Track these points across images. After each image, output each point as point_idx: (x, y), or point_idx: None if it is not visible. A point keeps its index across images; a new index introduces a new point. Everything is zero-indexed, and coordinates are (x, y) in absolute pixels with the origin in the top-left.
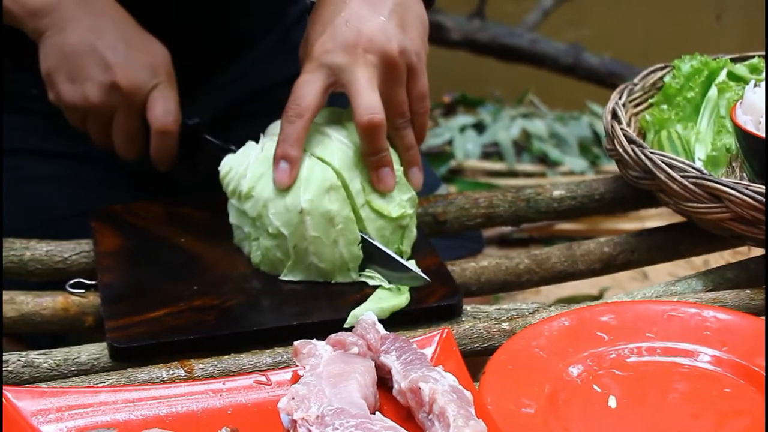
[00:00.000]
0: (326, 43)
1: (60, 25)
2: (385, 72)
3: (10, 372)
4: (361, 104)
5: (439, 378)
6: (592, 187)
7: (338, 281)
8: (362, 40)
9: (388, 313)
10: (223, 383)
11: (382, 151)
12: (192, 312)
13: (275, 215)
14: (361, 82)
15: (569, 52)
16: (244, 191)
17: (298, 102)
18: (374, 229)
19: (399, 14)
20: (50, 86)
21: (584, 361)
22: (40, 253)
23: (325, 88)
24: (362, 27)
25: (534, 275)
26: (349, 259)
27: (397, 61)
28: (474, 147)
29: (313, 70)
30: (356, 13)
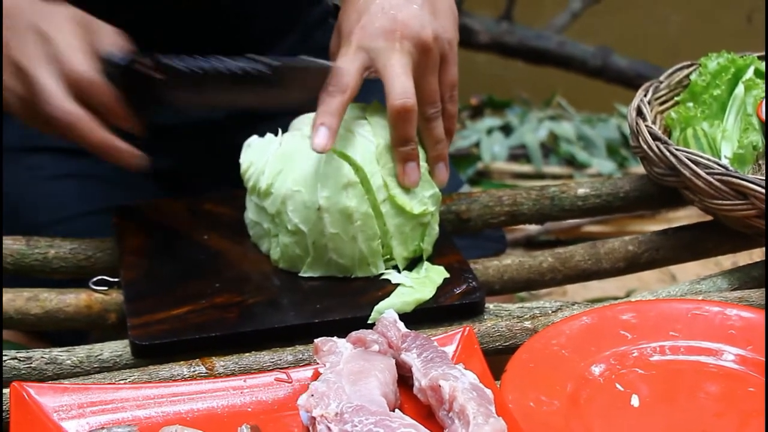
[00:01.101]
0: (364, 29)
1: None
2: (420, 59)
3: (34, 369)
4: (396, 89)
5: (460, 376)
6: (617, 186)
7: (358, 276)
8: (398, 27)
9: (412, 307)
10: (243, 380)
11: (410, 142)
12: (213, 309)
13: (293, 212)
14: (396, 68)
15: (597, 54)
16: (263, 188)
17: (339, 79)
18: (394, 225)
19: (431, 3)
20: None
21: (607, 360)
22: (64, 251)
23: (362, 70)
24: (397, 14)
25: (558, 274)
26: (368, 255)
27: (431, 47)
28: (501, 149)
29: (352, 53)
30: (391, 1)
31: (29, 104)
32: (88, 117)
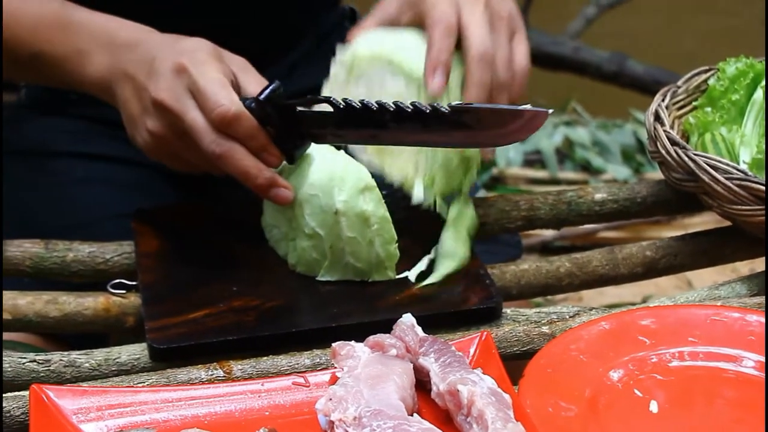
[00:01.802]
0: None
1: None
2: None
3: (52, 371)
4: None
5: (478, 380)
6: (634, 191)
7: (375, 280)
8: None
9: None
10: (261, 384)
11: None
12: (231, 313)
13: (311, 216)
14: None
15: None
16: None
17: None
18: (442, 155)
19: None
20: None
21: (625, 366)
22: (82, 254)
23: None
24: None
25: (575, 279)
26: (385, 258)
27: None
28: (516, 154)
29: None
30: None
31: (168, 141)
32: (239, 148)
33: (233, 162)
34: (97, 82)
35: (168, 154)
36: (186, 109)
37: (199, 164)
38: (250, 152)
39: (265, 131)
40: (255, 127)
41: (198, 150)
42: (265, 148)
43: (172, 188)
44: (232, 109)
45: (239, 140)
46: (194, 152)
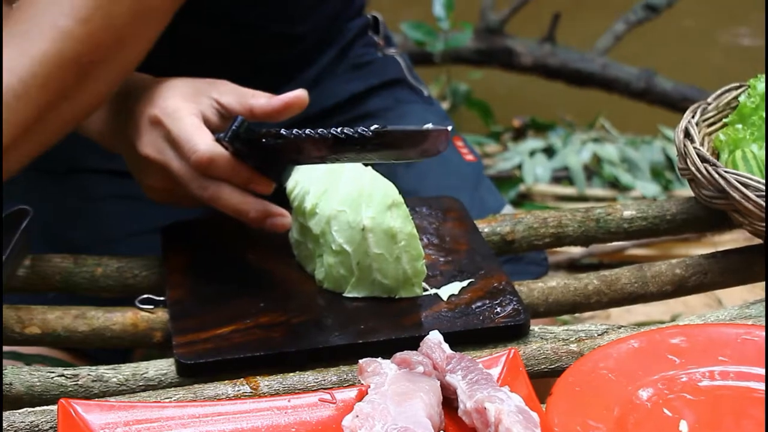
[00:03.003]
0: None
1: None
2: None
3: (80, 386)
4: None
5: (506, 398)
6: (663, 208)
7: (402, 297)
8: None
9: None
10: (288, 400)
11: None
12: (258, 329)
13: (338, 232)
14: None
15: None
16: (308, 208)
17: None
18: None
19: None
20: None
21: (654, 385)
22: (111, 269)
23: None
24: None
25: (603, 296)
26: (412, 275)
27: None
28: (544, 171)
29: None
30: None
31: (168, 190)
32: (225, 187)
33: (222, 202)
34: (99, 139)
35: (174, 200)
36: (169, 159)
37: (204, 204)
38: (237, 187)
39: (245, 164)
40: (233, 164)
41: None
42: (250, 180)
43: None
44: (206, 154)
45: (223, 179)
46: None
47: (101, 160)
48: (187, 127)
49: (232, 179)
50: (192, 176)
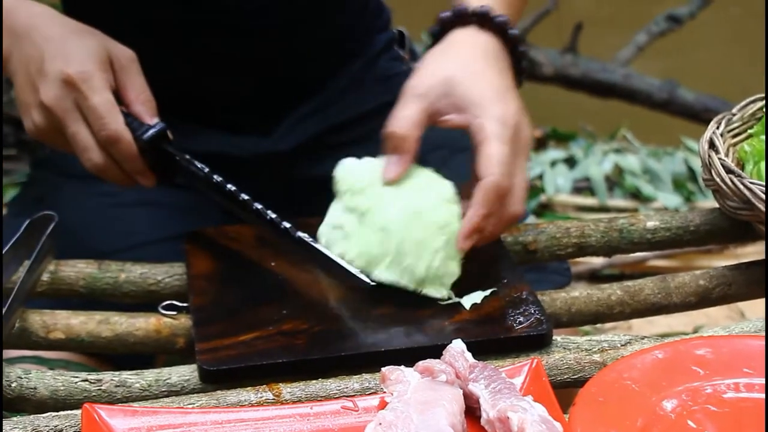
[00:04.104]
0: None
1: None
2: None
3: (104, 391)
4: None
5: (529, 408)
6: (687, 219)
7: (426, 293)
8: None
9: None
10: (310, 408)
11: None
12: (281, 336)
13: (389, 210)
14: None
15: (663, 87)
16: (360, 186)
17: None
18: None
19: None
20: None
21: (678, 396)
22: (134, 275)
23: None
24: None
25: (626, 307)
26: (443, 273)
27: None
28: (565, 182)
29: None
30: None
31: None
32: (115, 168)
33: (104, 175)
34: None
35: (50, 142)
36: (71, 121)
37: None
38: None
39: (142, 157)
40: (134, 154)
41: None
42: (140, 172)
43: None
44: (115, 135)
45: (116, 160)
46: (73, 149)
47: None
48: (103, 101)
49: (124, 163)
50: (88, 146)
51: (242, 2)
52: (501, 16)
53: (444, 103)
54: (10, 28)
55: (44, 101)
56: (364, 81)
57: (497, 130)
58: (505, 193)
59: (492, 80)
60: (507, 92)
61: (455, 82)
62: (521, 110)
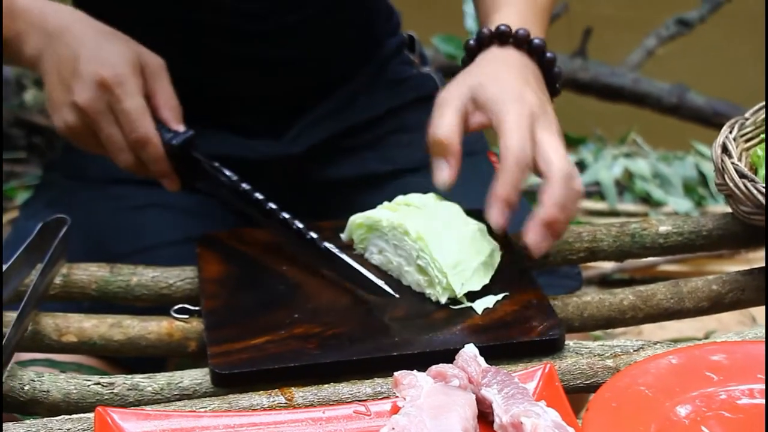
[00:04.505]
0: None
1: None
2: None
3: (116, 394)
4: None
5: (542, 413)
6: (699, 224)
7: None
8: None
9: None
10: (322, 412)
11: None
12: (293, 340)
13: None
14: None
15: (673, 91)
16: None
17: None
18: None
19: None
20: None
21: (692, 401)
22: (146, 278)
23: None
24: None
25: (639, 312)
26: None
27: None
28: None
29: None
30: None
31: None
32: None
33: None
34: (32, 63)
35: (80, 141)
36: (104, 123)
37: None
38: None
39: (170, 160)
40: (161, 157)
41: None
42: (166, 175)
43: (233, 214)
44: (145, 138)
45: (144, 161)
46: (102, 150)
47: None
48: (136, 105)
49: (152, 166)
50: (119, 147)
51: (256, 7)
52: (538, 38)
53: (471, 107)
54: (42, 28)
55: (78, 102)
56: (375, 85)
57: (513, 115)
58: (526, 161)
59: (513, 82)
60: (526, 89)
61: (480, 87)
62: (542, 102)
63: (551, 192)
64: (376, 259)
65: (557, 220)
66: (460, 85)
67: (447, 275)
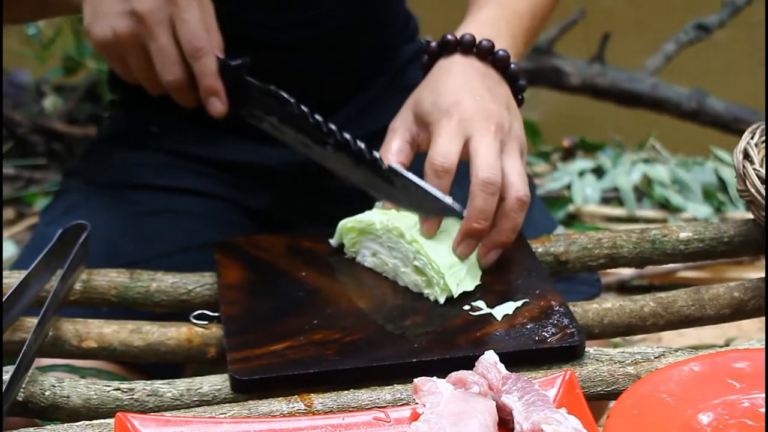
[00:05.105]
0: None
1: None
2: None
3: (136, 400)
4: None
5: (563, 420)
6: (720, 230)
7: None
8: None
9: None
10: (342, 418)
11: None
12: (312, 346)
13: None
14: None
15: (692, 96)
16: None
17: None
18: None
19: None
20: (88, 38)
21: (714, 409)
22: (165, 284)
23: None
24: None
25: (659, 319)
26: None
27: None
28: (593, 192)
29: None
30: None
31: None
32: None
33: (178, 95)
34: None
35: (118, 56)
36: (160, 33)
37: (140, 76)
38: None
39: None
40: (215, 71)
41: (149, 67)
42: (216, 92)
43: (251, 219)
44: (205, 53)
45: (197, 75)
46: (143, 65)
47: (155, 177)
48: (198, 16)
49: (204, 79)
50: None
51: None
52: (502, 50)
53: (415, 129)
54: None
55: (138, 9)
56: (392, 91)
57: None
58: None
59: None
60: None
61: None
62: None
63: (471, 199)
64: (370, 261)
65: (476, 228)
66: (405, 109)
67: (444, 276)
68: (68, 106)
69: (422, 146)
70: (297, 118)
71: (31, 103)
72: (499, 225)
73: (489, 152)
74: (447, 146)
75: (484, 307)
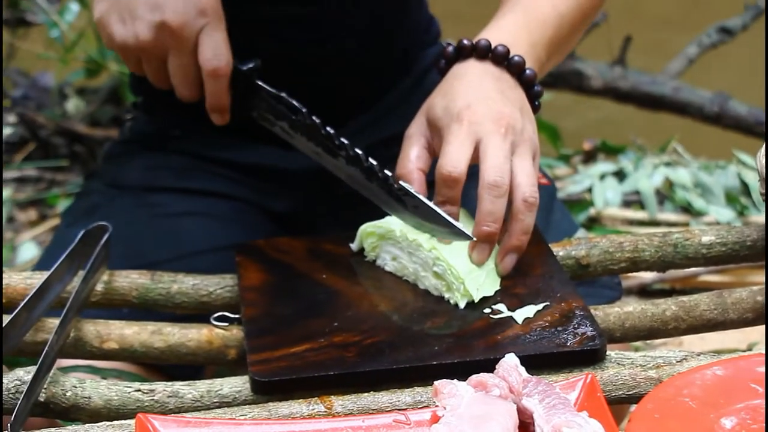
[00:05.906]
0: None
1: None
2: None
3: (156, 401)
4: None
5: (584, 424)
6: (744, 234)
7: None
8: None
9: None
10: (362, 420)
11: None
12: (332, 348)
13: None
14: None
15: (714, 100)
16: None
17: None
18: None
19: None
20: (102, 30)
21: (738, 414)
22: (186, 286)
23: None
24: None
25: (681, 323)
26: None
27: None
28: (614, 195)
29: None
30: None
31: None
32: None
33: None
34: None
35: (134, 57)
36: (184, 51)
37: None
38: None
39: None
40: (225, 91)
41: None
42: (221, 110)
43: (271, 222)
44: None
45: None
46: (158, 71)
47: (176, 180)
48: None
49: (212, 98)
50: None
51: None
52: (518, 56)
53: (429, 135)
54: None
55: (169, 23)
56: (413, 96)
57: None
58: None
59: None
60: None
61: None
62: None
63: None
64: (390, 265)
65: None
66: (419, 115)
67: (464, 281)
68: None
69: (436, 151)
70: (308, 128)
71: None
72: (509, 228)
73: (497, 154)
74: (456, 153)
75: (504, 310)
